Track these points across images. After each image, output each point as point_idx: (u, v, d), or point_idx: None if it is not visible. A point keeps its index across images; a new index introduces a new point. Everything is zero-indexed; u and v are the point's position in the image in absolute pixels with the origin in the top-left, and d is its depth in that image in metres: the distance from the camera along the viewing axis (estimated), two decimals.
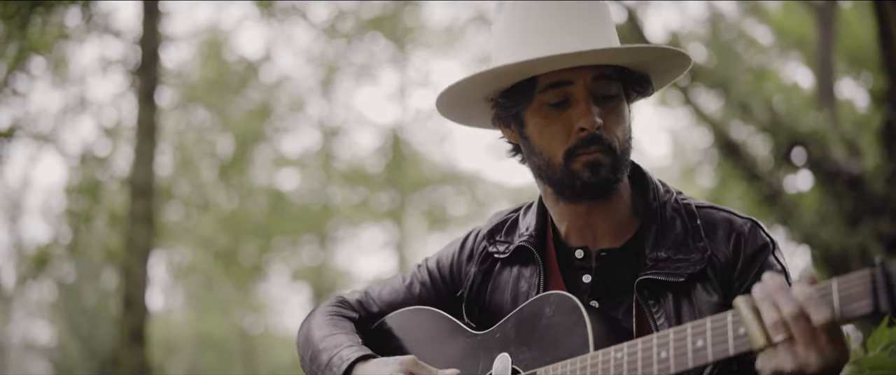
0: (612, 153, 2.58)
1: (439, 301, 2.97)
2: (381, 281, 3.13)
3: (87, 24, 14.67)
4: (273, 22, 19.41)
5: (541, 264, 2.76)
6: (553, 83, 2.59)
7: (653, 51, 2.63)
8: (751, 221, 2.65)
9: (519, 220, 2.92)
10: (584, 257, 2.72)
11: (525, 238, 2.81)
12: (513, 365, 2.60)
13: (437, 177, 26.11)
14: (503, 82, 2.66)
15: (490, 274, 2.89)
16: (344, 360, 2.73)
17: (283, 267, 27.96)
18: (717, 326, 2.11)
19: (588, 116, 2.54)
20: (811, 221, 14.23)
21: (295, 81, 23.04)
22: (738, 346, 2.07)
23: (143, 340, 14.09)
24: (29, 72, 13.89)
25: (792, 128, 14.44)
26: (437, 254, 3.07)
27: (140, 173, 14.42)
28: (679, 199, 2.73)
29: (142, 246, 14.23)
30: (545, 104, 2.61)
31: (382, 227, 27.51)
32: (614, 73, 2.61)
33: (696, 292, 2.55)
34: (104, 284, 26.87)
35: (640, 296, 2.58)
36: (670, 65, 2.71)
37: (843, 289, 1.95)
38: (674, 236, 2.64)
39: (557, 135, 2.60)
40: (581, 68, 2.57)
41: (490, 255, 2.90)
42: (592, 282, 2.69)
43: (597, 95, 2.59)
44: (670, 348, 2.19)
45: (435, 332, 2.88)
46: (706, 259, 2.58)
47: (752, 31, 20.89)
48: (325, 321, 2.95)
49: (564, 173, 2.60)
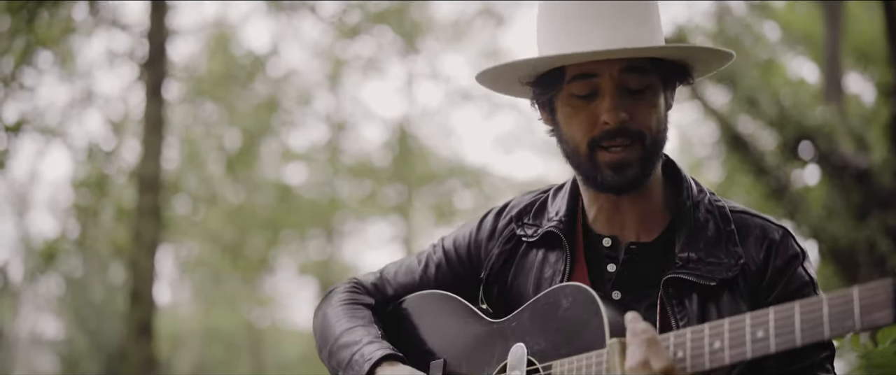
0: (641, 145, 2.57)
1: (455, 281, 2.95)
2: (396, 261, 3.11)
3: (94, 17, 14.67)
4: (280, 15, 19.41)
5: (568, 250, 2.74)
6: (579, 75, 2.59)
7: (677, 50, 2.62)
8: (783, 230, 2.65)
9: (548, 203, 2.90)
10: (611, 246, 2.70)
11: (554, 223, 2.79)
12: (528, 356, 2.59)
13: (445, 171, 26.10)
14: (534, 70, 2.67)
15: (514, 255, 2.87)
16: (366, 359, 2.72)
17: (290, 261, 27.98)
18: (735, 328, 2.11)
19: (611, 111, 2.54)
20: (819, 215, 14.21)
21: (302, 75, 23.04)
22: (755, 350, 2.07)
23: (150, 334, 14.11)
24: (36, 66, 13.88)
25: (799, 122, 14.41)
26: (452, 234, 3.04)
27: (147, 167, 14.42)
28: (713, 200, 2.73)
29: (149, 240, 14.24)
30: (572, 94, 2.61)
31: (389, 221, 27.50)
32: (648, 64, 2.59)
33: (723, 298, 2.55)
34: (111, 278, 26.89)
35: (665, 294, 2.57)
36: (711, 60, 2.70)
37: (864, 298, 1.93)
38: (706, 238, 2.63)
39: (582, 125, 2.60)
40: (608, 61, 2.56)
41: (516, 237, 2.88)
42: (617, 273, 2.67)
43: (625, 88, 2.58)
44: (687, 348, 2.19)
45: (450, 318, 2.87)
46: (740, 266, 2.57)
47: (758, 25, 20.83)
48: (342, 311, 2.94)
49: (589, 163, 2.61)
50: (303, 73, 23.04)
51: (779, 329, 2.05)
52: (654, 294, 2.60)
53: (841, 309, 1.97)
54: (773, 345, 2.04)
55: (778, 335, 2.05)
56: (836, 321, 1.97)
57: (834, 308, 1.98)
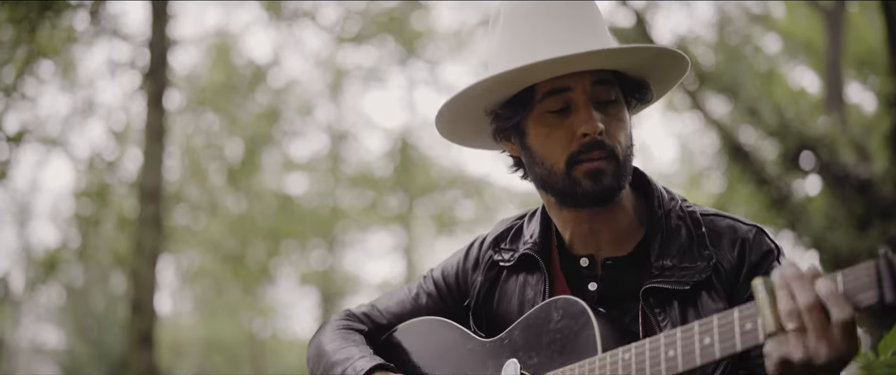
0: (615, 159, 2.56)
1: (446, 311, 2.96)
2: (387, 293, 3.12)
3: (95, 27, 14.69)
4: (281, 25, 19.45)
5: (545, 271, 2.75)
6: (551, 90, 2.57)
7: (646, 51, 2.60)
8: (756, 227, 2.64)
9: (523, 228, 2.91)
10: (589, 265, 2.70)
11: (529, 245, 2.80)
12: (522, 371, 2.60)
13: (445, 180, 26.12)
14: (502, 93, 2.64)
15: (496, 282, 2.88)
16: (358, 370, 2.73)
17: (291, 271, 27.96)
18: (724, 323, 2.11)
19: (590, 122, 2.53)
20: (820, 226, 14.20)
21: (303, 85, 23.09)
22: (745, 342, 2.07)
23: (151, 344, 14.10)
24: (38, 75, 13.89)
25: (800, 132, 14.41)
26: (442, 264, 3.05)
27: (148, 177, 14.43)
28: (684, 207, 2.71)
29: (150, 250, 14.24)
30: (546, 112, 2.59)
31: (390, 231, 27.53)
32: (613, 78, 2.60)
33: (701, 300, 2.54)
34: (112, 288, 26.90)
35: (646, 304, 2.56)
36: (668, 71, 2.70)
37: (848, 281, 1.96)
38: (679, 244, 2.62)
39: (559, 141, 2.58)
40: (579, 74, 2.55)
41: (495, 263, 2.89)
42: (598, 290, 2.67)
43: (597, 101, 2.57)
44: (678, 346, 2.19)
45: (443, 341, 2.88)
46: (711, 266, 2.57)
47: (759, 35, 20.86)
48: (335, 334, 2.95)
49: (566, 180, 2.59)
50: (304, 83, 23.11)
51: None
52: (635, 306, 2.60)
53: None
54: (762, 335, 2.05)
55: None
56: None
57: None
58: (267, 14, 18.96)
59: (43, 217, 25.04)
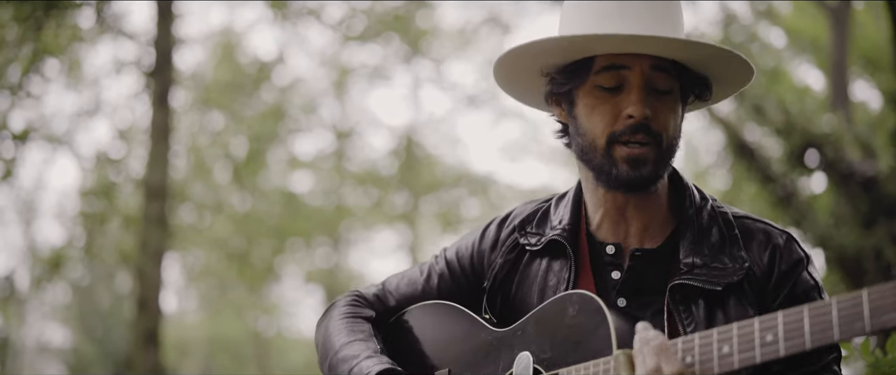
0: (658, 146, 2.56)
1: (458, 292, 2.93)
2: (398, 273, 3.09)
3: (100, 26, 14.69)
4: (286, 23, 19.44)
5: (572, 258, 2.72)
6: (609, 65, 2.58)
7: (712, 49, 2.59)
8: (787, 234, 2.64)
9: (550, 212, 2.87)
10: (614, 253, 2.69)
11: (558, 231, 2.77)
12: (534, 364, 2.58)
13: (451, 179, 26.10)
14: (561, 57, 2.64)
15: (517, 265, 2.84)
16: (364, 373, 2.71)
17: (297, 269, 27.96)
18: (744, 333, 2.10)
19: (637, 105, 2.53)
20: (825, 223, 14.17)
21: (308, 83, 23.06)
22: (765, 355, 2.06)
23: (156, 342, 14.11)
24: (43, 74, 13.88)
25: (806, 129, 14.38)
26: (455, 245, 3.02)
27: (154, 175, 14.44)
28: (715, 206, 2.71)
29: (155, 249, 14.26)
30: (598, 86, 2.59)
31: (395, 229, 27.51)
32: (673, 69, 2.59)
33: (730, 303, 2.53)
34: (118, 286, 26.95)
35: (672, 300, 2.55)
36: (733, 75, 2.68)
37: (874, 300, 1.92)
38: (711, 243, 2.61)
39: (604, 117, 2.58)
40: (640, 55, 2.55)
41: (519, 246, 2.85)
42: (622, 280, 2.66)
43: (653, 87, 2.57)
44: (695, 353, 2.18)
45: (453, 328, 2.85)
46: (745, 270, 2.56)
47: (764, 33, 20.83)
48: (343, 324, 2.92)
49: (604, 158, 2.59)
50: (309, 81, 23.08)
51: (788, 333, 2.04)
52: (659, 300, 2.58)
53: (850, 311, 1.96)
54: (783, 349, 2.04)
55: (787, 338, 2.04)
56: (845, 323, 1.96)
57: (843, 310, 1.97)
58: (272, 12, 18.93)
59: (48, 215, 25.00)
